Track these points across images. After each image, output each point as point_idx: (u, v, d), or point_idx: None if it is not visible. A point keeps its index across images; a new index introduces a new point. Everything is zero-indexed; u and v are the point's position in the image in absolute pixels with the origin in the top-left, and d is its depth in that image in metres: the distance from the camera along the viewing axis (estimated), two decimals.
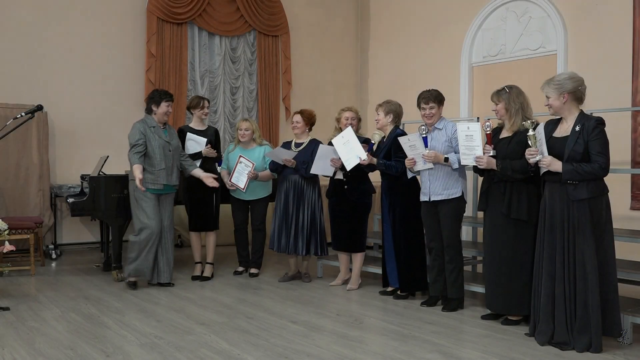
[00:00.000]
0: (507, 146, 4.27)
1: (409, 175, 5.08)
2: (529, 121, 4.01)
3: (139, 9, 8.09)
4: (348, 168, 5.13)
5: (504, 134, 4.37)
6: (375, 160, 5.06)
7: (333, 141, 5.27)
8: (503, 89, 4.37)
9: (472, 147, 4.37)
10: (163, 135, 5.46)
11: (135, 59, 8.08)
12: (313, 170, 5.51)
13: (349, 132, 5.15)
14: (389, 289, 5.32)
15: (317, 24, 9.66)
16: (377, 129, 5.26)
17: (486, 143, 4.36)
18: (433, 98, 4.84)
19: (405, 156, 4.90)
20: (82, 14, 7.72)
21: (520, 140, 4.19)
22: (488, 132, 4.34)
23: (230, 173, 5.92)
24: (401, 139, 4.92)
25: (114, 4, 7.95)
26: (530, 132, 3.94)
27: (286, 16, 9.16)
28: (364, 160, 5.01)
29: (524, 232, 4.23)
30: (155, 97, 5.47)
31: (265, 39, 9.03)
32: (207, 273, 5.98)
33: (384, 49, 9.63)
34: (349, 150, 5.10)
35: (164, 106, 5.45)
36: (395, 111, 5.19)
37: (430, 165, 4.76)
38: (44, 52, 7.48)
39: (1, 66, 7.21)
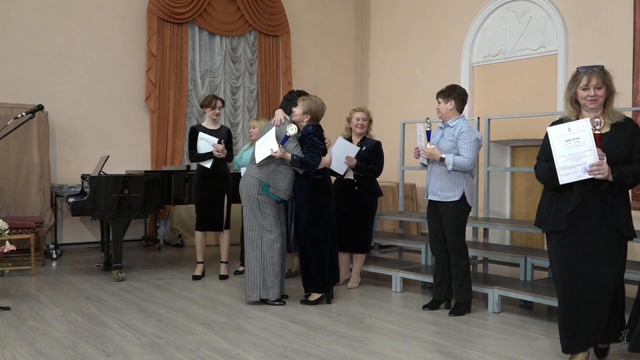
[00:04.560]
0: (615, 146, 3.21)
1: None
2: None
3: (139, 9, 8.10)
4: (258, 160, 4.80)
5: None
6: (289, 155, 4.77)
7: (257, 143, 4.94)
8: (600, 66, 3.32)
9: (580, 155, 3.12)
10: None
11: (136, 58, 8.09)
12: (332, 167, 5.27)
13: (271, 131, 4.87)
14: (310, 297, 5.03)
15: (317, 23, 9.67)
16: (292, 121, 4.97)
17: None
18: (440, 93, 4.70)
19: (319, 150, 4.81)
20: (82, 14, 7.73)
21: (624, 135, 3.23)
22: (598, 132, 3.11)
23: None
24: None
25: (115, 4, 7.96)
26: None
27: (287, 16, 9.17)
28: (275, 152, 4.70)
29: (623, 251, 3.32)
30: (294, 99, 5.13)
31: (266, 38, 9.04)
32: (223, 272, 6.02)
33: (384, 49, 9.64)
34: (265, 144, 4.82)
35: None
36: (313, 112, 4.90)
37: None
38: (45, 52, 7.48)
39: (1, 66, 7.22)
